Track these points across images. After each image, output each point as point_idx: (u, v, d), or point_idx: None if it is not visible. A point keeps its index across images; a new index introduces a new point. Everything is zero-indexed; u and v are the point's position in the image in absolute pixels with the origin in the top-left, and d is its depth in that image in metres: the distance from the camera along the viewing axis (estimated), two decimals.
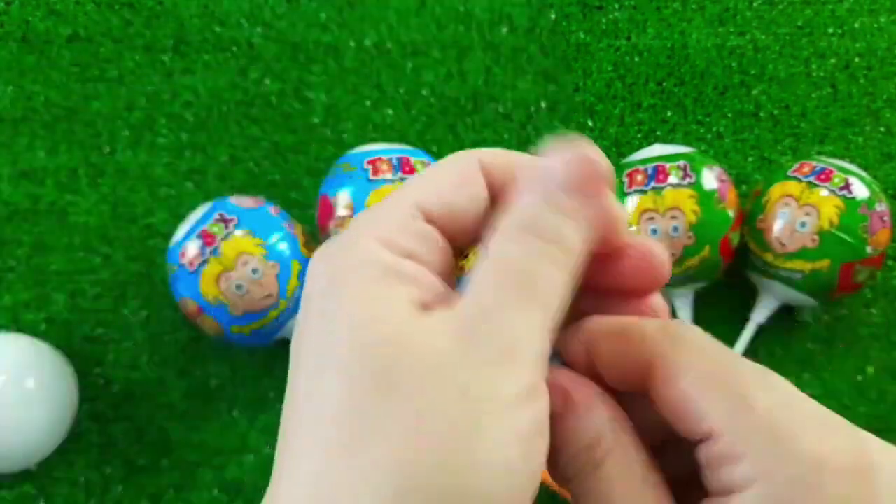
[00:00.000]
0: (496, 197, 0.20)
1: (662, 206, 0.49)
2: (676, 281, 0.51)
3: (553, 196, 0.18)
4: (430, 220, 0.19)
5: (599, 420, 0.19)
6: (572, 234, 0.18)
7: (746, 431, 0.17)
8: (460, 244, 0.20)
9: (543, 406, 0.17)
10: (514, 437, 0.16)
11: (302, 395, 0.17)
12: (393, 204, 0.19)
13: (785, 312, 0.53)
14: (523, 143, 0.60)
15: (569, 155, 0.18)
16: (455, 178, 0.20)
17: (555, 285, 0.18)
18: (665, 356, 0.19)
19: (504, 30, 0.62)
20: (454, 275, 0.20)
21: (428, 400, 0.16)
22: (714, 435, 0.17)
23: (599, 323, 0.20)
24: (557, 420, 0.19)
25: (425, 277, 0.18)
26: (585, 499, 0.19)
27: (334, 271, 0.18)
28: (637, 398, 0.20)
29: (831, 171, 0.50)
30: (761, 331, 0.54)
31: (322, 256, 0.19)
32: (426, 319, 0.17)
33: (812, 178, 0.50)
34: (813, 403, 0.18)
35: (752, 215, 0.52)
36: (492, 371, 0.16)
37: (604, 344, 0.20)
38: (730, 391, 0.17)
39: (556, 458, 0.19)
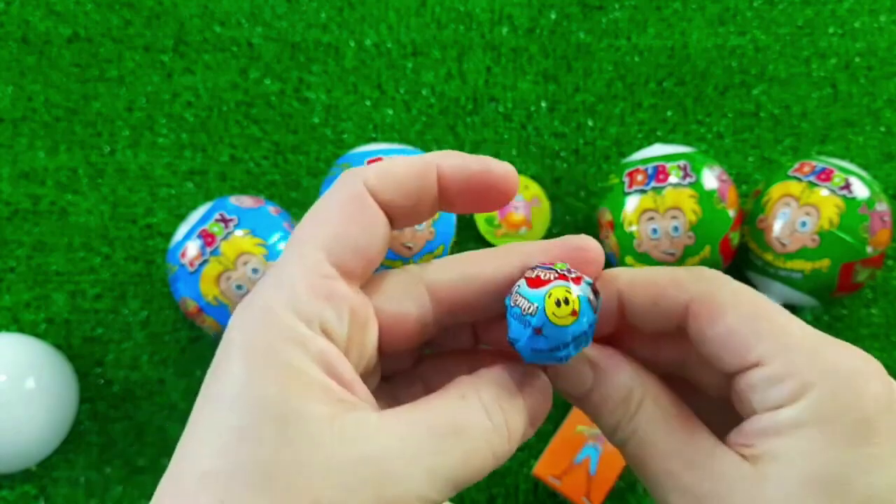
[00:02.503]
0: (394, 214, 0.21)
1: (663, 205, 0.49)
2: None
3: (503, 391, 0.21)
4: (337, 264, 0.20)
5: (627, 376, 0.22)
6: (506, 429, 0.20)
7: (792, 355, 0.19)
8: (361, 273, 0.21)
9: None
10: None
11: (192, 437, 0.19)
12: (300, 259, 0.20)
13: None
14: (523, 143, 0.60)
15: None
16: (346, 212, 0.20)
17: (474, 464, 0.19)
18: (705, 298, 0.21)
19: (504, 30, 0.62)
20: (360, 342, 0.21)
21: None
22: (763, 362, 0.19)
23: (632, 273, 0.22)
24: (593, 388, 0.22)
25: (338, 368, 0.19)
26: (631, 444, 0.21)
27: (251, 342, 0.19)
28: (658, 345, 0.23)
29: (832, 171, 0.50)
30: None
31: (240, 322, 0.19)
32: (332, 429, 0.18)
33: (812, 178, 0.50)
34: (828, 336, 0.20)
35: (752, 215, 0.52)
36: None
37: (639, 292, 0.22)
38: (772, 323, 0.20)
39: (598, 419, 0.22)
